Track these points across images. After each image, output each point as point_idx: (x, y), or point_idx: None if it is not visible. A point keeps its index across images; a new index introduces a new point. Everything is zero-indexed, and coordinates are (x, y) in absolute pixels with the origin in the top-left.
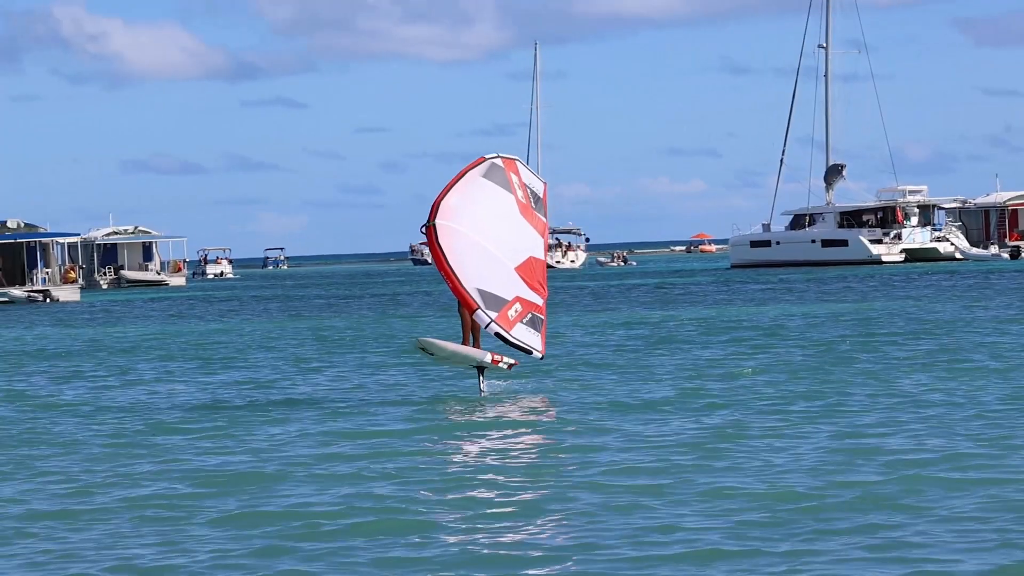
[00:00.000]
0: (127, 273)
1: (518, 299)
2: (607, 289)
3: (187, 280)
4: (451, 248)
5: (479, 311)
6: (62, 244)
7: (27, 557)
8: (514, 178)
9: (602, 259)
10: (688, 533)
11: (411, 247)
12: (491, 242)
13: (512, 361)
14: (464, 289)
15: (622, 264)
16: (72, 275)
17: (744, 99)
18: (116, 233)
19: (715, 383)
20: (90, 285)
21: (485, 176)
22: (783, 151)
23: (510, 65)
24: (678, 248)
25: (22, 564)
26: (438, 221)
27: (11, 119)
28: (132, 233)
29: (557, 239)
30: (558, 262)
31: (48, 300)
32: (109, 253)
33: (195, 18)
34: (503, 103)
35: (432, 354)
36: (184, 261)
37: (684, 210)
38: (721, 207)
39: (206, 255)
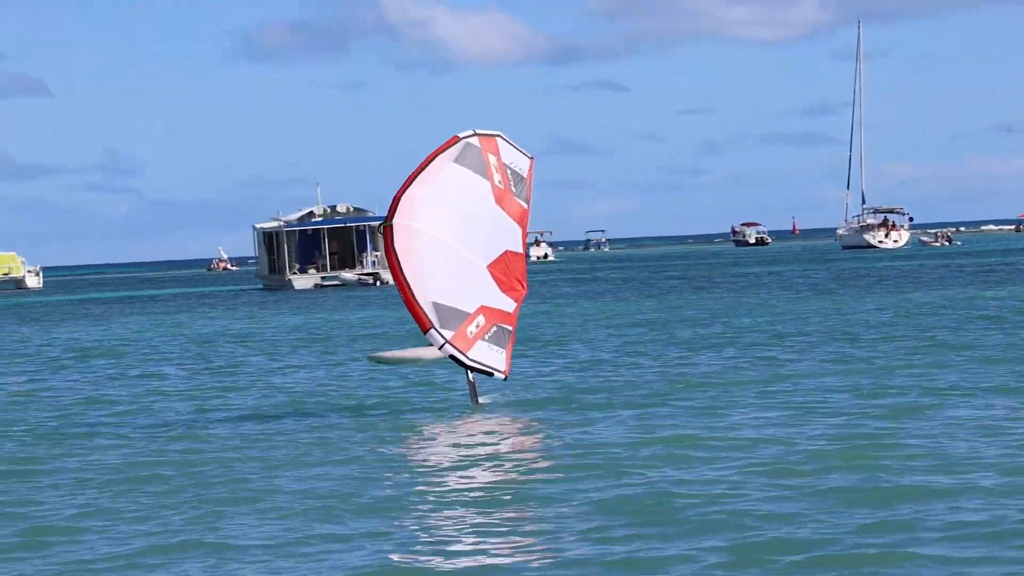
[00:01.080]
0: None
1: (482, 310)
2: (929, 269)
3: None
4: (408, 252)
5: (432, 331)
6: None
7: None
8: (492, 159)
9: (925, 238)
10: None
11: (732, 228)
12: (459, 240)
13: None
14: (417, 304)
15: (946, 244)
16: None
17: None
18: None
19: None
20: None
21: (457, 161)
22: None
23: (833, 44)
24: (1006, 227)
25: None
26: (396, 220)
27: (340, 105)
28: None
29: (884, 218)
30: (880, 242)
31: (378, 283)
32: None
33: (517, 3)
34: (826, 82)
35: (392, 365)
36: None
37: (1013, 188)
38: None
39: None
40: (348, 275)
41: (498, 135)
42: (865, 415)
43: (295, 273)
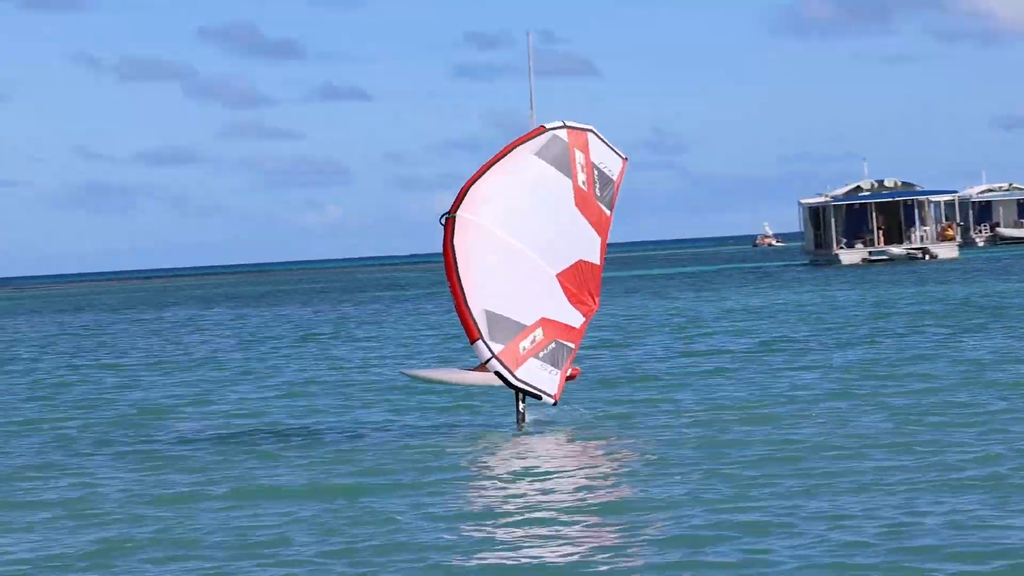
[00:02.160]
0: (1003, 230)
1: (542, 323)
2: None
3: None
4: (466, 252)
5: (479, 341)
6: (937, 202)
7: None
8: (579, 156)
9: None
10: None
11: None
12: (528, 242)
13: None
14: (468, 309)
15: None
16: (950, 233)
17: None
18: (990, 191)
19: None
20: (966, 243)
21: (539, 154)
22: None
23: None
24: None
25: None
26: (460, 213)
27: (885, 80)
28: (1007, 190)
29: None
30: None
31: (927, 257)
32: (984, 211)
33: None
34: None
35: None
36: None
37: None
38: None
39: None
40: (896, 250)
41: (590, 130)
42: None
43: (842, 248)
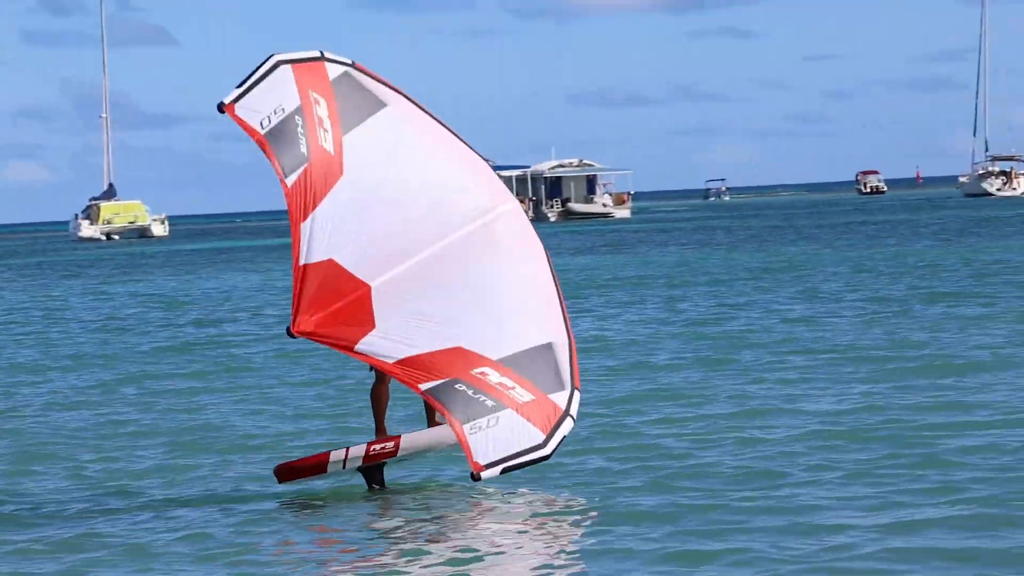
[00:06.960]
0: (574, 206)
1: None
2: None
3: (632, 212)
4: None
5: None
6: (508, 177)
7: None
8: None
9: None
10: None
11: (857, 176)
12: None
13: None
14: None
15: None
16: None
17: None
18: (561, 166)
19: None
20: (539, 218)
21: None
22: None
23: None
24: None
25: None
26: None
27: (465, 54)
28: (576, 167)
29: (1011, 166)
30: (999, 190)
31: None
32: (555, 186)
33: None
34: (954, 27)
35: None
36: (628, 194)
37: None
38: None
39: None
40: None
41: (291, 61)
42: None
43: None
